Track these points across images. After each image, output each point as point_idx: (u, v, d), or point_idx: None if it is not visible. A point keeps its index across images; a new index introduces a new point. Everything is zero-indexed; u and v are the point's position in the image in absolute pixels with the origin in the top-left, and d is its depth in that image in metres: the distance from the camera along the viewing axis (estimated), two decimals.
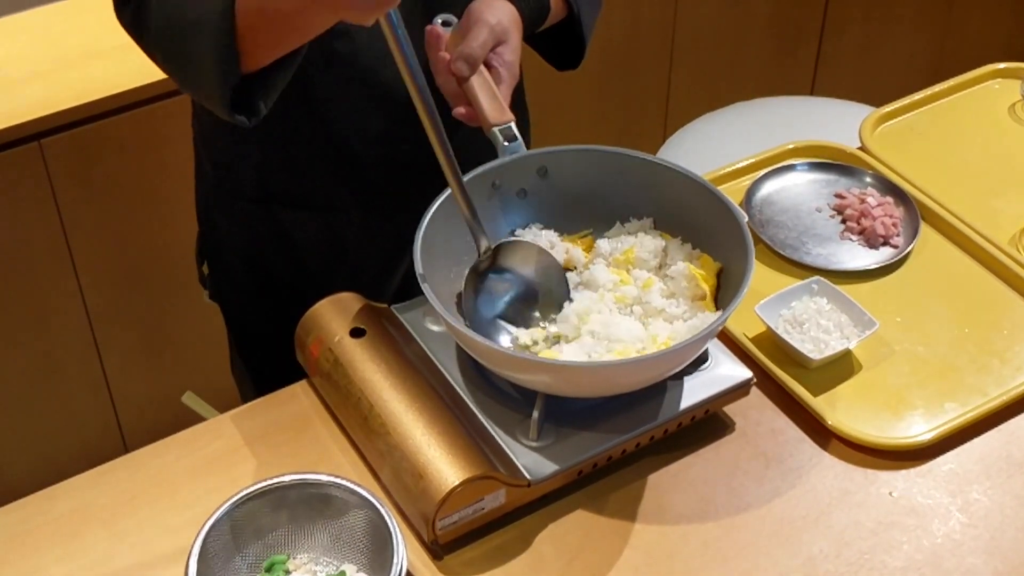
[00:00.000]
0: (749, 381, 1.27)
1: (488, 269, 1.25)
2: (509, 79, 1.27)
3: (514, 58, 1.27)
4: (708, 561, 1.18)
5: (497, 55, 1.26)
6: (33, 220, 2.02)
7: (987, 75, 1.78)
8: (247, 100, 1.17)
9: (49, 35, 2.10)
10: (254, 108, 1.18)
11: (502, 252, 1.25)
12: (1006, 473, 1.27)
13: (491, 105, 1.24)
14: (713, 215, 1.27)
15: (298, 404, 1.32)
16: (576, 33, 1.39)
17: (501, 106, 1.25)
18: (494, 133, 1.26)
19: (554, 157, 1.31)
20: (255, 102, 1.18)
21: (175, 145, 1.55)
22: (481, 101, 1.25)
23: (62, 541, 1.20)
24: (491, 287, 1.25)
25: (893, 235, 1.51)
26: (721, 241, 1.27)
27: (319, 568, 1.15)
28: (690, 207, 1.29)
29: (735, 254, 1.23)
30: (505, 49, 1.26)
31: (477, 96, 1.25)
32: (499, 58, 1.26)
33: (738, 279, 1.20)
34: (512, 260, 1.26)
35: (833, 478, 1.25)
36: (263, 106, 1.18)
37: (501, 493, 1.16)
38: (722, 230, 1.26)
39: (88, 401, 2.26)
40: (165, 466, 1.26)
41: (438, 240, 1.23)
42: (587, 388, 1.20)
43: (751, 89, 2.79)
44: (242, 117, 1.17)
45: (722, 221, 1.26)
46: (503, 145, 1.27)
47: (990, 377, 1.34)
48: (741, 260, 1.21)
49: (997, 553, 1.19)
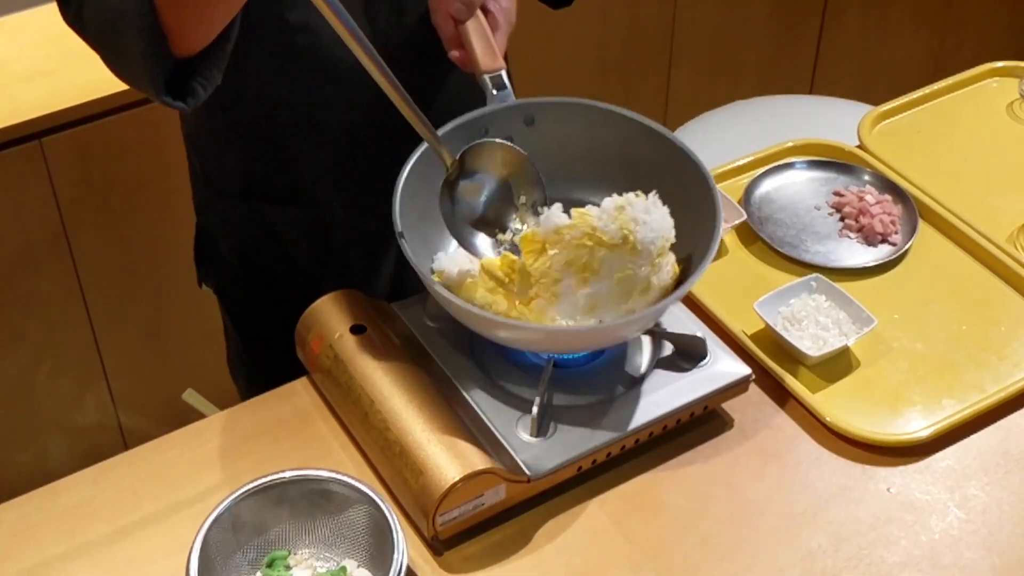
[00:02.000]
0: (748, 378, 1.28)
1: (458, 177, 1.24)
2: (505, 25, 1.27)
3: (510, 4, 1.28)
4: (707, 557, 1.18)
5: (495, 0, 1.26)
6: (34, 219, 2.03)
7: (985, 73, 1.78)
8: (185, 84, 1.16)
9: (49, 34, 2.10)
10: (192, 91, 1.17)
11: (468, 157, 1.24)
12: (1004, 469, 1.27)
13: (484, 51, 1.25)
14: (680, 171, 1.27)
15: (299, 400, 1.32)
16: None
17: (494, 53, 1.25)
18: (484, 80, 1.27)
19: (542, 108, 1.31)
20: (192, 85, 1.17)
21: (175, 144, 1.56)
22: (475, 46, 1.25)
23: (63, 537, 1.20)
24: (464, 194, 1.25)
25: (891, 233, 1.51)
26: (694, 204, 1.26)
27: (320, 564, 1.15)
28: (661, 165, 1.29)
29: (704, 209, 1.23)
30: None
31: (471, 41, 1.25)
32: (496, 3, 1.27)
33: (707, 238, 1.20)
34: (479, 162, 1.25)
35: (831, 474, 1.26)
36: (201, 89, 1.17)
37: (501, 489, 1.17)
38: (694, 190, 1.26)
39: (89, 398, 2.26)
40: (166, 462, 1.27)
41: (417, 200, 1.23)
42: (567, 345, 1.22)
43: (750, 87, 2.79)
44: (179, 102, 1.16)
45: (692, 179, 1.26)
46: (492, 93, 1.27)
47: (988, 374, 1.35)
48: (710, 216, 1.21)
49: (995, 548, 1.19)
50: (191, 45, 1.14)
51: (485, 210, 1.26)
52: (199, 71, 1.16)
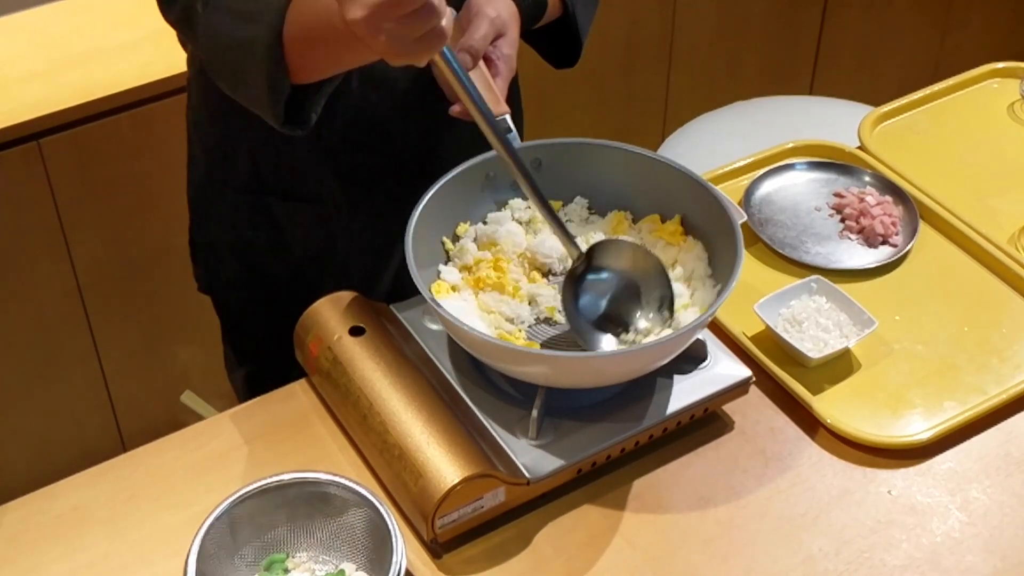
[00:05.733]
0: (748, 380, 1.28)
1: (585, 271, 1.24)
2: (507, 72, 1.27)
3: (512, 52, 1.28)
4: (707, 559, 1.18)
5: (496, 48, 1.26)
6: (32, 220, 2.02)
7: (986, 74, 1.78)
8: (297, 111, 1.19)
9: (49, 35, 2.10)
10: (306, 119, 1.20)
11: (596, 253, 1.24)
12: (1005, 471, 1.27)
13: (488, 97, 1.25)
14: (704, 209, 1.27)
15: (297, 403, 1.32)
16: (572, 31, 1.40)
17: (497, 98, 1.25)
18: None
19: (548, 149, 1.31)
20: (307, 113, 1.20)
21: (174, 145, 1.55)
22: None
23: (61, 540, 1.20)
24: (588, 288, 1.24)
25: (892, 234, 1.51)
26: (713, 237, 1.27)
27: (318, 567, 1.15)
28: (681, 201, 1.29)
29: (726, 248, 1.24)
30: (503, 42, 1.27)
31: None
32: (497, 51, 1.27)
33: (728, 270, 1.20)
34: (607, 259, 1.25)
35: (832, 477, 1.25)
36: (314, 116, 1.20)
37: (500, 491, 1.16)
38: (713, 225, 1.26)
39: (87, 400, 2.26)
40: (164, 465, 1.26)
41: (429, 233, 1.24)
42: (578, 378, 1.20)
43: (750, 89, 2.79)
44: (298, 129, 1.20)
45: (713, 216, 1.26)
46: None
47: (989, 376, 1.34)
48: (731, 255, 1.22)
49: (996, 551, 1.19)
50: (308, 80, 1.17)
51: (608, 308, 1.25)
52: (312, 98, 1.19)
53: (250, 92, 1.18)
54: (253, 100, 1.19)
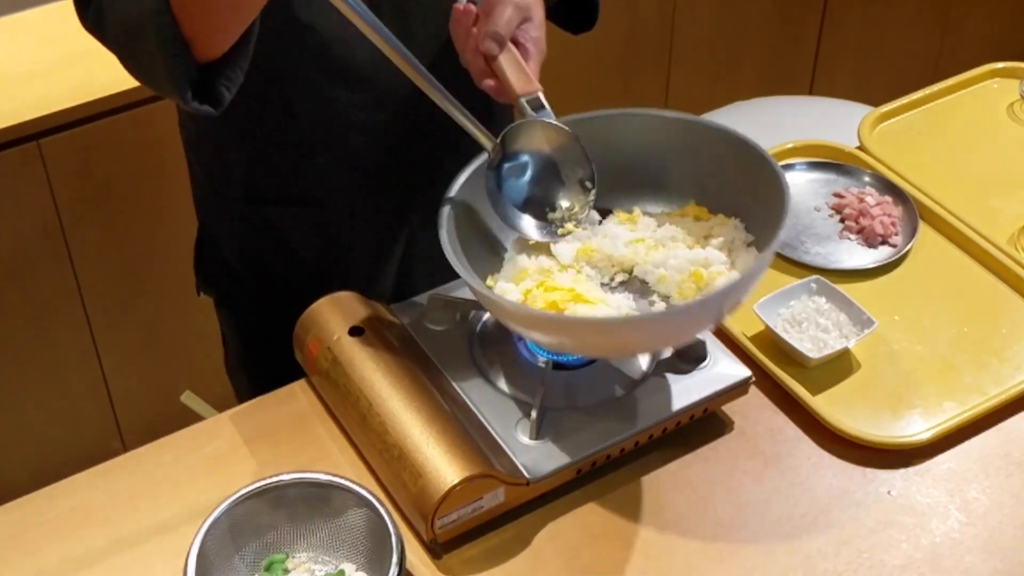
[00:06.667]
0: (748, 380, 1.27)
1: (501, 160, 1.23)
2: (537, 54, 1.27)
3: (540, 34, 1.27)
4: (707, 560, 1.18)
5: (523, 31, 1.26)
6: (32, 220, 2.02)
7: (986, 74, 1.78)
8: (209, 89, 1.17)
9: (48, 35, 2.10)
10: (217, 96, 1.17)
11: (509, 138, 1.23)
12: (1005, 472, 1.27)
13: (518, 76, 1.23)
14: (750, 173, 1.23)
15: (297, 403, 1.32)
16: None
17: (528, 77, 1.24)
18: (522, 104, 1.24)
19: (583, 124, 1.27)
20: (217, 89, 1.17)
21: (174, 145, 1.55)
22: (508, 75, 1.23)
23: (61, 540, 1.19)
24: (509, 175, 1.24)
25: (892, 234, 1.51)
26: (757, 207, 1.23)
27: (318, 567, 1.15)
28: (723, 165, 1.26)
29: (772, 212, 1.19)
30: (530, 26, 1.26)
31: (504, 71, 1.23)
32: (525, 34, 1.26)
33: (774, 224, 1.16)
34: (521, 142, 1.24)
35: (832, 477, 1.25)
36: (226, 92, 1.18)
37: (500, 492, 1.16)
38: (760, 189, 1.22)
39: (87, 400, 2.26)
40: (164, 465, 1.26)
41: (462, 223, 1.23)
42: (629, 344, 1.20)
43: (750, 89, 2.79)
44: (207, 107, 1.17)
45: (760, 178, 1.21)
46: (531, 115, 1.24)
47: (989, 376, 1.34)
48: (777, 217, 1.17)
49: (996, 552, 1.19)
50: (212, 50, 1.15)
51: (531, 190, 1.24)
52: (222, 73, 1.17)
53: (153, 72, 1.15)
54: (156, 79, 1.16)
